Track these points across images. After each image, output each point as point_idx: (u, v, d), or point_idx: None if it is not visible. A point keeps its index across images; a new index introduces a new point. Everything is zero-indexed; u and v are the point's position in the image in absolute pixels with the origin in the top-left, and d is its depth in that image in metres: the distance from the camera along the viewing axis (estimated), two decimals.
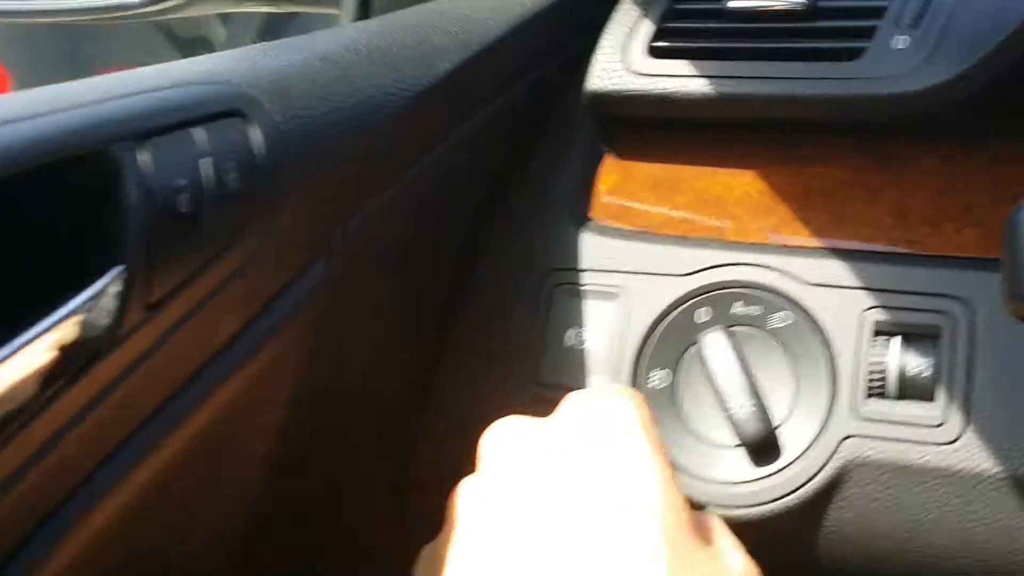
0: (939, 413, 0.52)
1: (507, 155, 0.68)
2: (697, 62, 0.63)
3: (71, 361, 0.36)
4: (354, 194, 0.53)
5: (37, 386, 0.35)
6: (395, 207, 0.57)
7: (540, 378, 0.60)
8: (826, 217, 0.60)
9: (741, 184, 0.63)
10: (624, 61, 0.65)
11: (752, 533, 0.51)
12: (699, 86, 0.62)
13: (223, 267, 0.43)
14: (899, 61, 0.58)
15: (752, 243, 0.60)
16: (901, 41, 0.59)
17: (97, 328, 0.37)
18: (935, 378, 0.52)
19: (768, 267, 0.58)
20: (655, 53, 0.64)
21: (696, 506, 0.45)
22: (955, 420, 0.51)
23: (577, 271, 0.62)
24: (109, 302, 0.37)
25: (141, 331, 0.39)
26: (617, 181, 0.66)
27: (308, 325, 0.50)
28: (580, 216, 0.64)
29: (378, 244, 0.56)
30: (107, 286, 0.37)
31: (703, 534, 0.41)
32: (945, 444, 0.51)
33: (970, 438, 0.51)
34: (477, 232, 0.66)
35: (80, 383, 0.36)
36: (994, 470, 0.50)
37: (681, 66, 0.63)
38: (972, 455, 0.50)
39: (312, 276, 0.50)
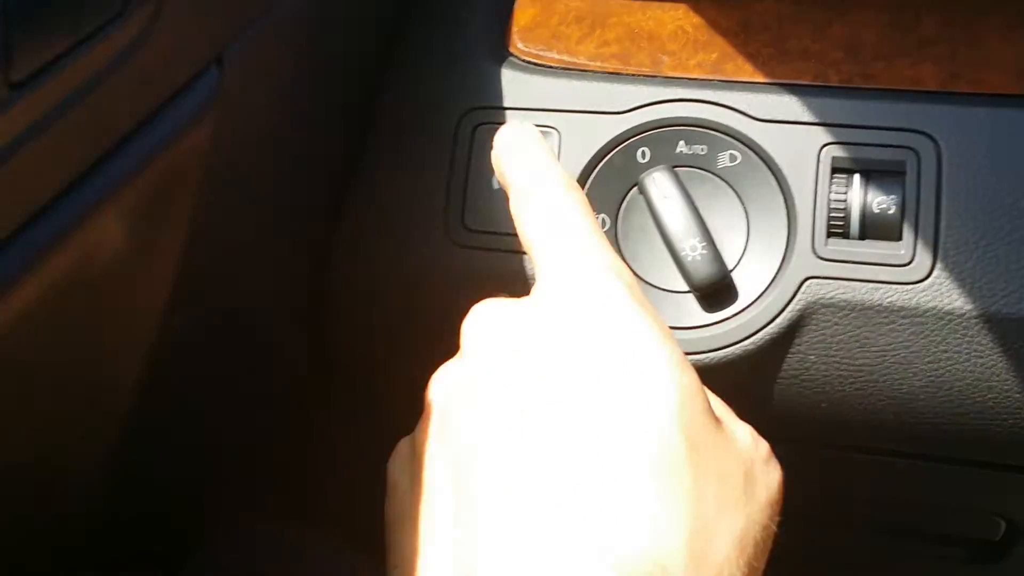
0: (906, 252, 0.48)
1: None
2: None
3: None
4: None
5: None
6: (289, 28, 0.48)
7: (466, 224, 0.53)
8: (770, 52, 0.55)
9: (673, 19, 0.57)
10: None
11: (706, 380, 0.47)
12: None
13: (102, 51, 0.34)
14: None
15: (694, 78, 0.54)
16: None
17: None
18: (901, 216, 0.48)
19: (713, 103, 0.52)
20: None
21: None
22: (923, 258, 0.47)
23: (500, 109, 0.55)
24: None
25: (5, 115, 0.30)
26: (535, 15, 0.59)
27: (196, 148, 0.41)
28: (498, 51, 0.57)
29: (271, 67, 0.48)
30: None
31: (713, 416, 0.35)
32: (913, 283, 0.47)
33: (939, 276, 0.47)
34: (382, 69, 0.58)
35: None
36: (965, 308, 0.47)
37: None
38: (942, 293, 0.47)
39: (203, 88, 0.41)
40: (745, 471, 0.34)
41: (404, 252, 0.53)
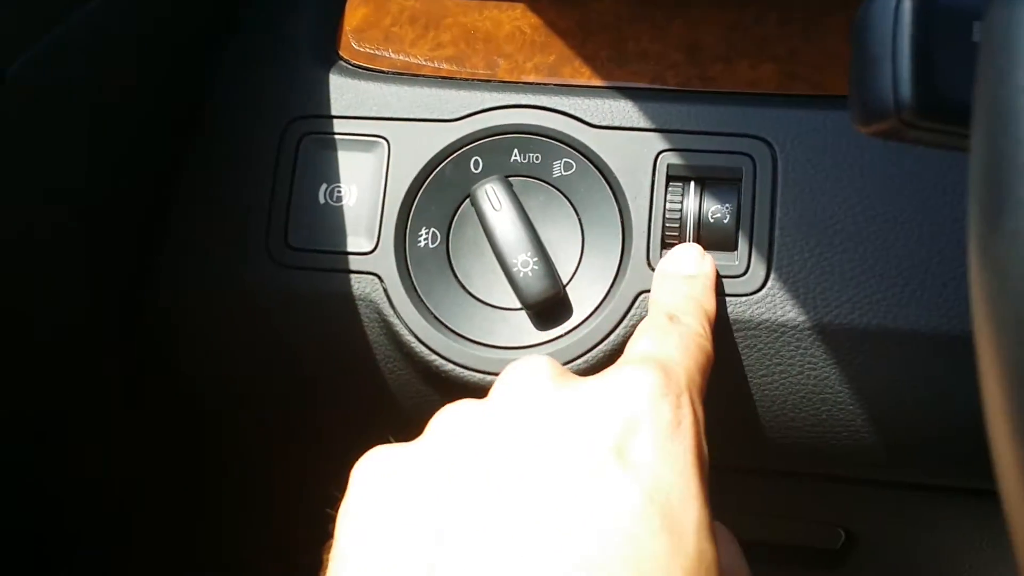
0: (740, 262, 0.47)
1: None
2: None
3: None
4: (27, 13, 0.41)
5: None
6: (84, 39, 0.45)
7: (289, 242, 0.50)
8: (608, 54, 0.53)
9: (511, 19, 0.55)
10: None
11: None
12: None
13: None
14: None
15: (528, 83, 0.52)
16: None
17: None
18: (736, 225, 0.47)
19: (547, 109, 0.50)
20: None
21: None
22: (758, 269, 0.46)
23: (327, 118, 0.52)
24: None
25: None
26: (367, 16, 0.56)
27: None
28: (326, 56, 0.54)
29: (66, 81, 0.44)
30: None
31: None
32: (749, 294, 0.46)
33: (774, 287, 0.46)
34: (200, 77, 0.54)
35: None
36: (800, 319, 0.46)
37: None
38: (777, 304, 0.46)
39: None
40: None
41: (227, 273, 0.50)
